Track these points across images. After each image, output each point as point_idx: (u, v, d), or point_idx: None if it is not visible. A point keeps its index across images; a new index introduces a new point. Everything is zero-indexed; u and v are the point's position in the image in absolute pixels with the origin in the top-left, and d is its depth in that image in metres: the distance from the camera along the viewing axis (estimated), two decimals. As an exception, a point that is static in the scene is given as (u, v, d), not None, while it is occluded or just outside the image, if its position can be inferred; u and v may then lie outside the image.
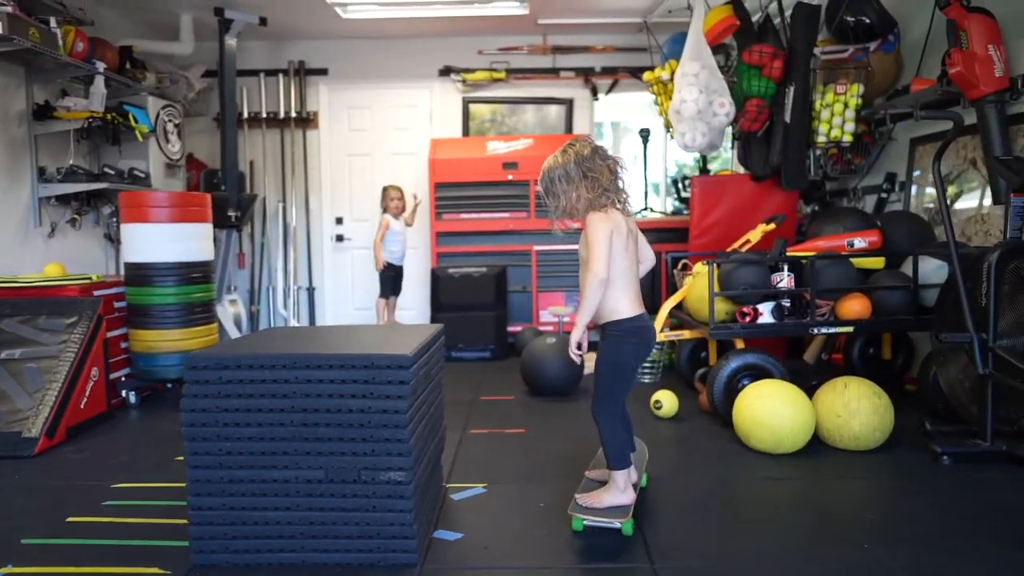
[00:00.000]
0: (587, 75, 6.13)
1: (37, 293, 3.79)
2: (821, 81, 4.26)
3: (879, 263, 3.76)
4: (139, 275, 4.02)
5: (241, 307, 5.78)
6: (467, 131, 6.22)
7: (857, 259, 3.72)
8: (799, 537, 2.28)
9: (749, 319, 3.56)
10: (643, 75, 4.90)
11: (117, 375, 4.05)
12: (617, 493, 2.32)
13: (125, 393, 4.09)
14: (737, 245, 4.11)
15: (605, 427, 2.33)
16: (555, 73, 6.16)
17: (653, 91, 4.82)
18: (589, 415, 2.41)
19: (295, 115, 6.16)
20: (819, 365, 4.38)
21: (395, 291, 5.46)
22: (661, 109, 4.78)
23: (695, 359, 4.29)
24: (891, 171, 4.54)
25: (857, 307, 3.56)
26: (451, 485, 2.77)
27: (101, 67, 4.46)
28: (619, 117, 7.25)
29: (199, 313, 4.16)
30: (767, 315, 3.57)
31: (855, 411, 3.00)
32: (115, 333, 4.04)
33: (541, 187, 2.36)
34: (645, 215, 5.95)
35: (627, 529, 2.26)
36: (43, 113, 4.35)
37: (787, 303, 3.63)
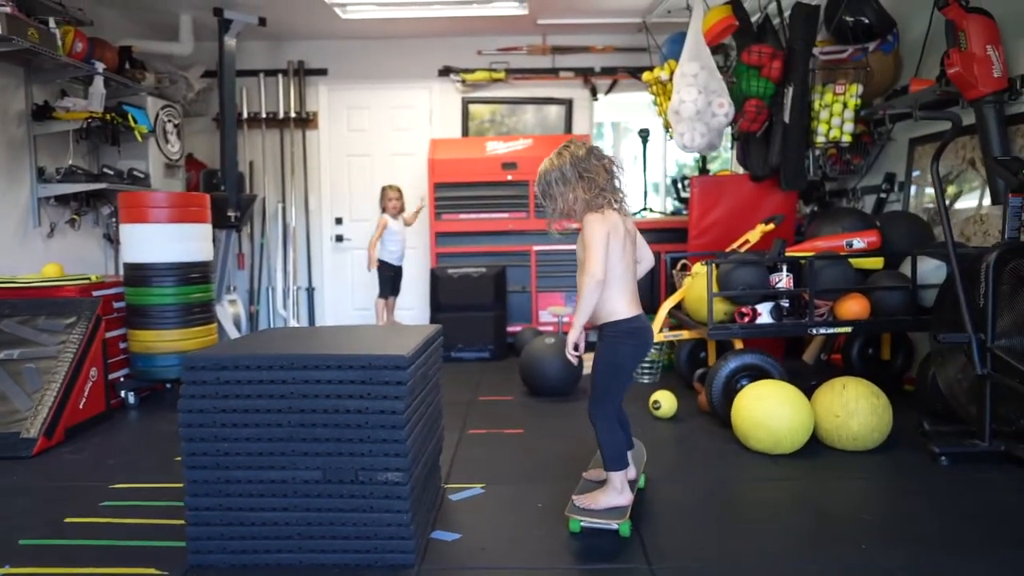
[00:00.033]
0: (586, 75, 6.12)
1: (36, 293, 3.79)
2: (820, 81, 4.26)
3: (878, 263, 3.75)
4: (138, 275, 4.02)
5: (240, 307, 5.78)
6: (466, 131, 6.22)
7: (856, 259, 3.72)
8: (797, 538, 2.28)
9: (748, 319, 3.56)
10: (642, 75, 4.90)
11: (116, 375, 4.04)
12: (614, 494, 2.32)
13: (124, 393, 4.09)
14: (736, 245, 4.11)
15: (602, 428, 2.33)
16: (554, 73, 6.15)
17: (652, 91, 4.81)
18: (588, 416, 2.41)
19: (294, 115, 6.16)
20: (818, 365, 4.38)
21: (394, 291, 5.46)
22: (660, 109, 4.77)
23: (694, 359, 4.29)
24: (890, 171, 4.54)
25: (856, 307, 3.55)
26: (449, 485, 2.77)
27: (100, 67, 4.45)
28: (619, 117, 7.24)
29: (198, 313, 4.16)
30: (766, 315, 3.57)
31: (853, 411, 3.00)
32: (114, 333, 4.04)
33: (538, 190, 2.35)
34: (644, 215, 5.95)
35: (624, 530, 2.26)
36: (42, 113, 4.35)
37: (786, 303, 3.64)
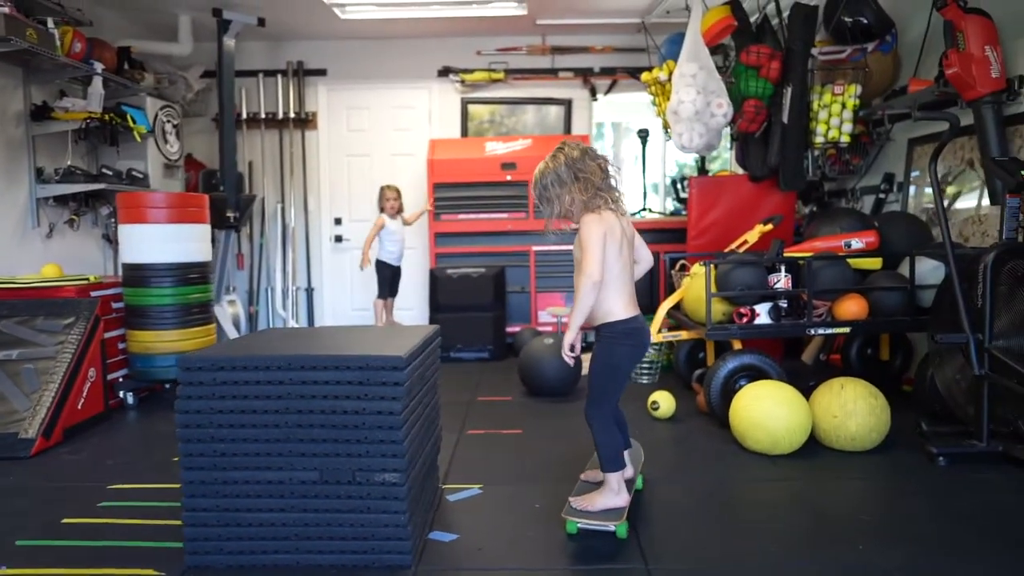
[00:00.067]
0: (586, 75, 6.12)
1: (34, 294, 3.78)
2: (819, 82, 4.26)
3: (876, 264, 3.75)
4: (137, 276, 4.02)
5: (240, 308, 5.79)
6: (466, 132, 6.22)
7: (854, 260, 3.72)
8: (796, 538, 2.28)
9: (746, 320, 3.56)
10: (641, 76, 4.90)
11: (115, 376, 4.04)
12: (611, 495, 2.31)
13: (123, 394, 4.09)
14: (735, 246, 4.11)
15: (598, 429, 2.33)
16: (554, 73, 6.15)
17: (651, 92, 4.81)
18: (584, 416, 2.40)
19: (294, 116, 6.16)
20: (817, 366, 4.38)
21: (392, 292, 5.46)
22: (659, 110, 4.77)
23: (693, 360, 4.29)
24: (889, 171, 4.54)
25: (854, 308, 3.55)
26: (447, 486, 2.77)
27: (99, 68, 4.45)
28: (620, 117, 7.24)
29: (197, 314, 4.16)
30: (764, 316, 3.57)
31: (852, 412, 3.00)
32: (113, 334, 4.04)
33: (535, 194, 2.34)
34: (644, 215, 5.95)
35: (621, 532, 2.25)
36: (41, 114, 4.36)
37: (784, 304, 3.63)
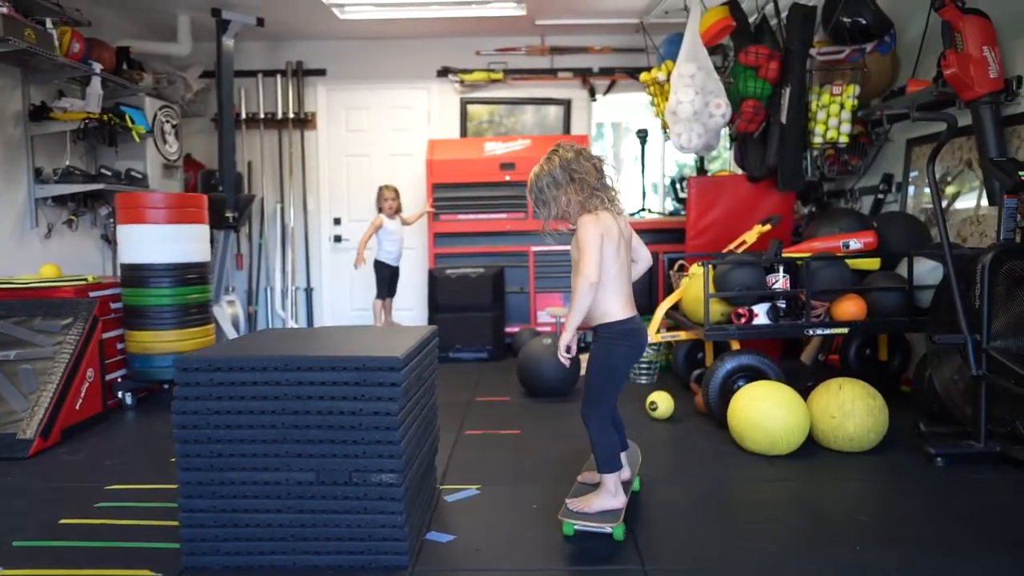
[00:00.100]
0: (585, 76, 6.12)
1: (33, 294, 3.78)
2: (817, 82, 4.26)
3: (875, 264, 3.75)
4: (135, 276, 4.02)
5: (239, 308, 5.79)
6: (465, 132, 6.22)
7: (853, 260, 3.72)
8: (794, 539, 2.28)
9: (744, 320, 3.56)
10: (640, 76, 4.90)
11: (113, 376, 4.05)
12: (608, 497, 2.30)
13: (121, 394, 4.09)
14: (733, 246, 4.10)
15: (595, 430, 2.32)
16: (553, 74, 6.15)
17: (650, 92, 4.81)
18: (581, 417, 2.40)
19: (293, 116, 6.16)
20: (816, 366, 4.38)
21: (390, 292, 5.45)
22: (658, 110, 4.77)
23: (692, 360, 4.29)
24: (888, 172, 4.53)
25: (852, 308, 3.55)
26: (445, 487, 2.77)
27: (97, 68, 4.45)
28: (620, 118, 7.23)
29: (195, 314, 4.16)
30: (762, 316, 3.57)
31: (849, 412, 3.00)
32: (111, 334, 4.04)
33: (531, 197, 2.33)
34: (643, 215, 5.95)
35: (618, 534, 2.24)
36: (39, 114, 4.36)
37: (782, 304, 3.63)
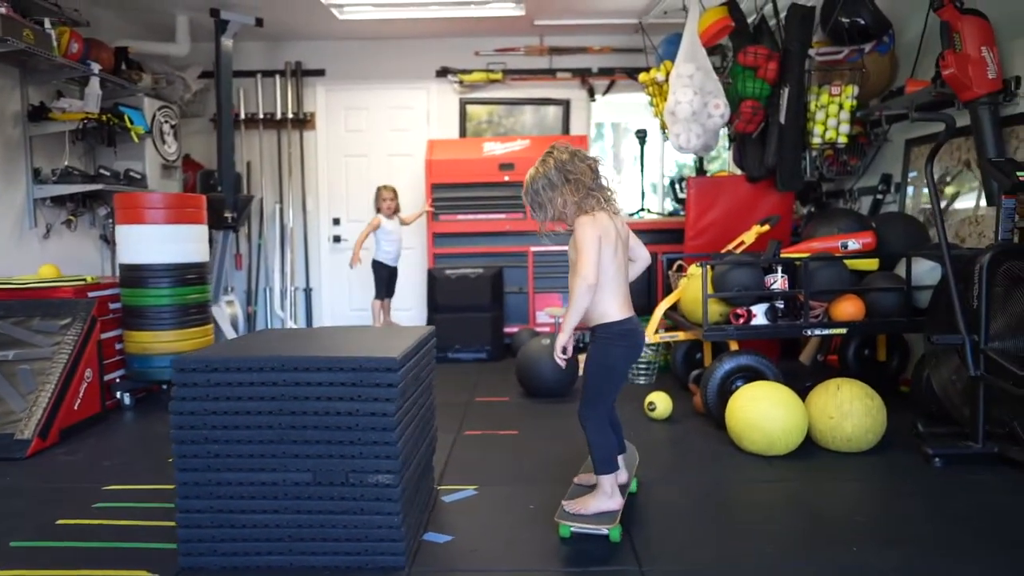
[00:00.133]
0: (584, 76, 6.12)
1: (31, 295, 3.78)
2: (816, 82, 4.26)
3: (873, 265, 3.75)
4: (134, 276, 4.02)
5: (238, 308, 5.79)
6: (464, 132, 6.22)
7: (851, 261, 3.71)
8: (791, 539, 2.28)
9: (743, 321, 3.55)
10: (639, 76, 4.90)
11: (112, 376, 4.04)
12: (604, 498, 2.30)
13: (120, 395, 4.09)
14: (732, 247, 4.10)
15: (592, 430, 2.32)
16: (552, 74, 6.15)
17: (648, 92, 4.81)
18: (578, 418, 2.40)
19: (292, 116, 6.16)
20: (815, 366, 4.38)
21: (389, 293, 5.45)
22: (656, 111, 4.77)
23: (690, 360, 4.29)
24: (887, 172, 4.53)
25: (850, 309, 3.55)
26: (443, 487, 2.77)
27: (96, 68, 4.45)
28: (620, 118, 7.23)
29: (194, 315, 4.16)
30: (761, 317, 3.56)
31: (848, 413, 3.00)
32: (110, 334, 4.04)
33: (527, 200, 2.32)
34: (642, 216, 5.95)
35: (614, 535, 2.24)
36: (38, 114, 4.35)
37: (781, 305, 3.63)
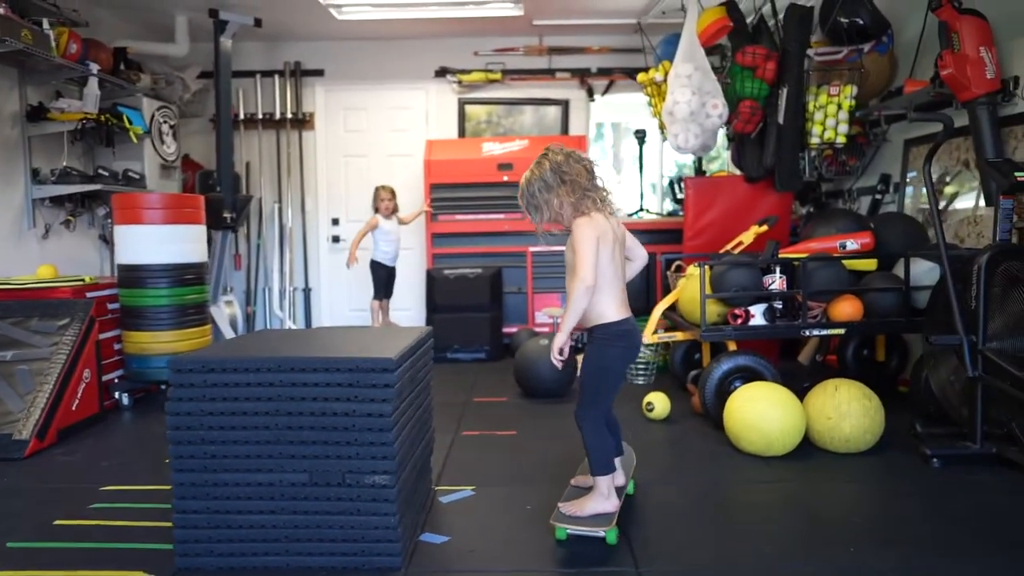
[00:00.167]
0: (583, 76, 6.12)
1: (29, 295, 3.78)
2: (815, 82, 4.26)
3: (871, 265, 3.75)
4: (132, 277, 4.02)
5: (237, 308, 5.78)
6: (463, 132, 6.21)
7: (850, 261, 3.71)
8: (789, 540, 2.28)
9: (741, 321, 3.55)
10: (637, 76, 4.89)
11: (110, 377, 4.04)
12: (601, 500, 2.29)
13: (118, 395, 4.09)
14: (730, 247, 4.10)
15: (589, 432, 2.31)
16: (551, 74, 6.15)
17: (647, 92, 4.81)
18: (574, 419, 2.39)
19: (291, 116, 6.16)
20: (814, 367, 4.38)
21: (387, 293, 5.44)
22: (655, 111, 4.77)
23: (689, 361, 4.29)
24: (886, 172, 4.53)
25: (849, 309, 3.55)
26: (440, 487, 2.76)
27: (95, 68, 4.45)
28: (620, 118, 7.22)
29: (192, 315, 4.16)
30: (759, 317, 3.56)
31: (846, 413, 3.00)
32: (108, 335, 4.03)
33: (523, 203, 2.31)
34: (641, 216, 5.94)
35: (611, 538, 2.23)
36: (37, 115, 4.36)
37: (779, 305, 3.63)
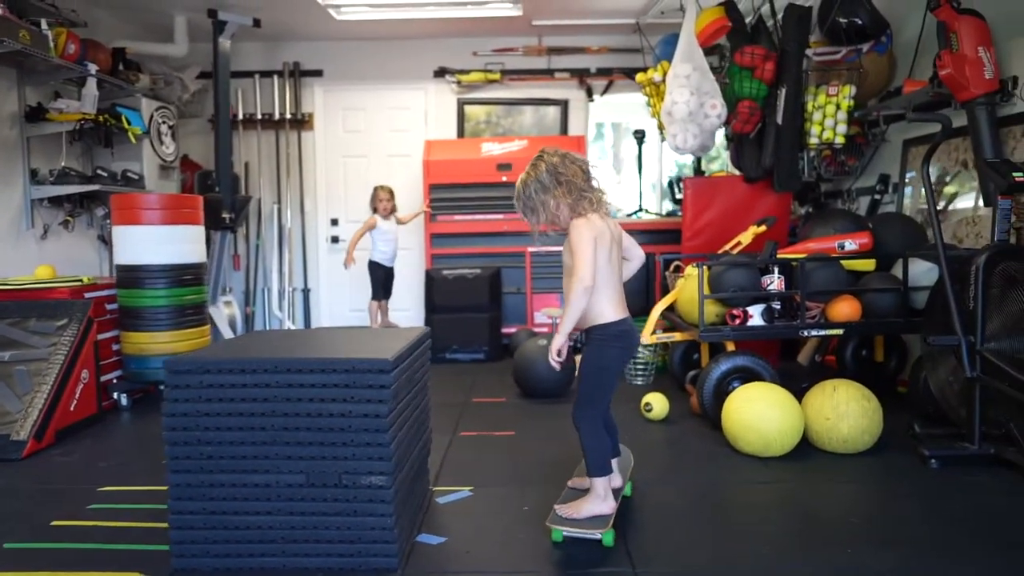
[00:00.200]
0: (582, 76, 6.12)
1: (27, 295, 3.78)
2: (813, 83, 4.25)
3: (870, 265, 3.74)
4: (130, 277, 4.02)
5: (236, 309, 5.78)
6: (462, 132, 6.21)
7: (848, 261, 3.71)
8: (787, 541, 2.28)
9: (739, 322, 3.55)
10: (636, 76, 4.89)
11: (108, 377, 4.04)
12: (597, 502, 2.28)
13: (116, 395, 4.08)
14: (728, 247, 4.10)
15: (586, 432, 2.31)
16: (550, 74, 6.14)
17: (646, 93, 4.81)
18: (572, 419, 2.39)
19: (290, 116, 6.16)
20: (813, 367, 4.37)
21: (386, 294, 5.44)
22: (654, 111, 4.76)
23: (687, 361, 4.28)
24: (884, 172, 4.52)
25: (847, 309, 3.54)
26: (437, 488, 2.76)
27: (93, 69, 4.45)
28: (620, 118, 7.22)
29: (190, 315, 4.16)
30: (757, 317, 3.56)
31: (844, 414, 2.99)
32: (107, 335, 4.03)
33: (519, 205, 2.31)
34: (640, 216, 5.94)
35: (607, 540, 2.21)
36: (35, 115, 4.35)
37: (777, 305, 3.62)
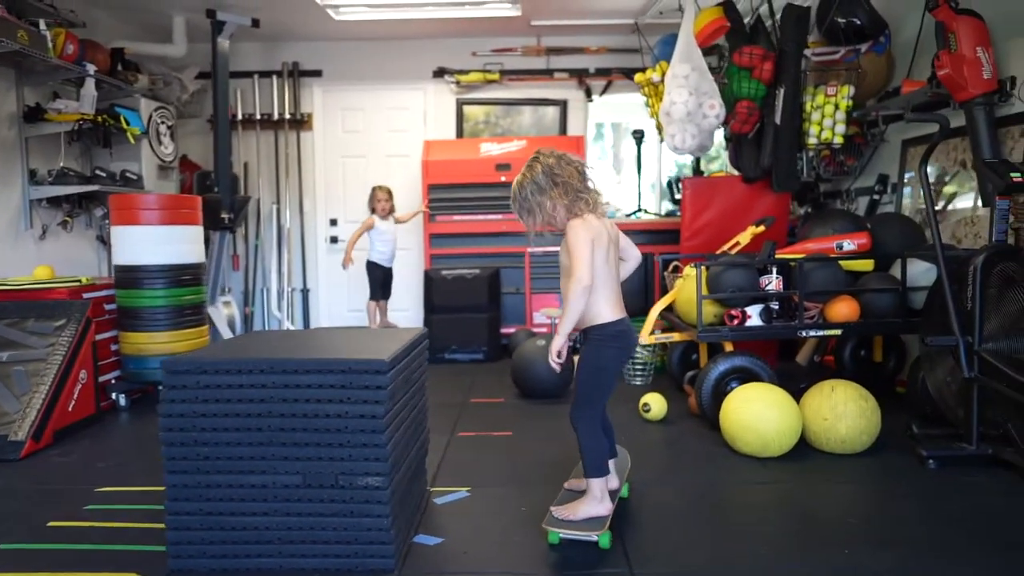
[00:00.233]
0: (581, 76, 6.12)
1: (26, 296, 3.78)
2: (812, 83, 4.25)
3: (868, 265, 3.74)
4: (129, 277, 4.02)
5: (235, 309, 5.78)
6: (461, 133, 6.21)
7: (846, 261, 3.71)
8: (785, 541, 2.28)
9: (737, 322, 3.54)
10: (635, 77, 4.89)
11: (107, 377, 4.04)
12: (594, 503, 2.27)
13: (115, 396, 4.08)
14: (727, 247, 4.10)
15: (584, 433, 2.30)
16: (549, 74, 6.14)
17: (644, 93, 4.80)
18: (569, 420, 2.38)
19: (289, 117, 6.16)
20: (811, 367, 4.37)
21: (384, 294, 5.43)
22: (652, 111, 4.76)
23: (686, 361, 4.28)
24: (883, 173, 4.52)
25: (845, 310, 3.54)
26: (435, 489, 2.76)
27: (91, 69, 4.45)
28: (620, 118, 7.22)
29: (189, 316, 4.16)
30: (755, 318, 3.55)
31: (842, 414, 2.99)
32: (105, 336, 4.03)
33: (515, 207, 2.30)
34: (639, 216, 5.94)
35: (604, 542, 2.21)
36: (34, 115, 4.35)
37: (775, 306, 3.62)
